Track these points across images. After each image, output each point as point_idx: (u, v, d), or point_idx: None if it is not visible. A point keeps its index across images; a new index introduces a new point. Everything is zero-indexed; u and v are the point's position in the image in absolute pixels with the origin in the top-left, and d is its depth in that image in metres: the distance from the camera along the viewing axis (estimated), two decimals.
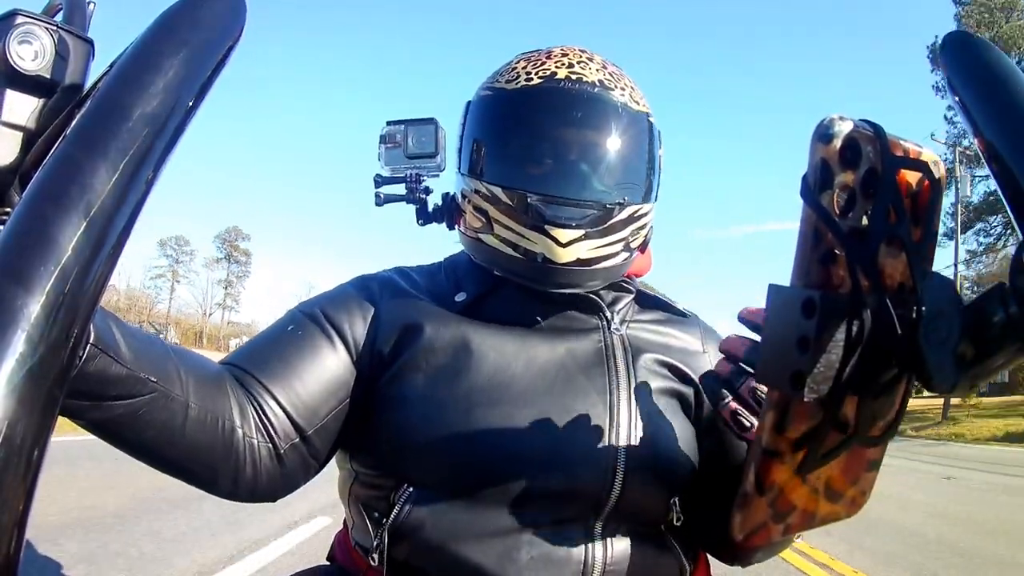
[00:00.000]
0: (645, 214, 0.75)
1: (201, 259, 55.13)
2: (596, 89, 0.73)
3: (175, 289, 53.49)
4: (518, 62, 0.77)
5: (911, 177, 0.36)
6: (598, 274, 0.74)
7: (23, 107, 0.42)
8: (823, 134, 0.34)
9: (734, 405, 0.58)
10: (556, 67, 0.73)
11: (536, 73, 0.73)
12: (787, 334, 0.33)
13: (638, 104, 0.76)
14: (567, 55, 0.75)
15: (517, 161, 0.74)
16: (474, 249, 0.79)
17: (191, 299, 53.72)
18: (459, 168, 0.79)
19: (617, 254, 0.74)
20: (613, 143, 0.73)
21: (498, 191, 0.72)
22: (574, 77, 0.73)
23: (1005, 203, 0.34)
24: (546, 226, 0.70)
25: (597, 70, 0.74)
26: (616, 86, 0.74)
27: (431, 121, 0.83)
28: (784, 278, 0.36)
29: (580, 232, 0.70)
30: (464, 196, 0.77)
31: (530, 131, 0.74)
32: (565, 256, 0.70)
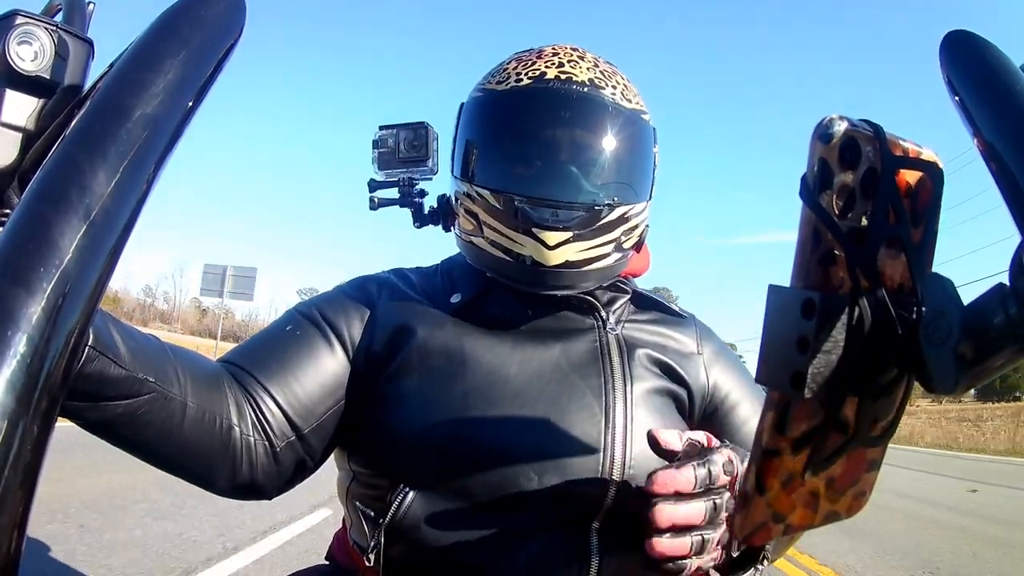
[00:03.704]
0: (637, 213, 0.75)
1: None
2: (586, 88, 0.72)
3: None
4: (510, 62, 0.77)
5: (911, 177, 0.36)
6: (589, 275, 0.74)
7: (22, 108, 0.41)
8: (822, 133, 0.34)
9: (696, 563, 0.57)
10: (546, 67, 0.73)
11: (526, 73, 0.73)
12: (787, 335, 0.33)
13: (631, 102, 0.75)
14: (558, 54, 0.75)
15: (506, 163, 0.74)
16: (467, 251, 0.79)
17: None
18: (452, 170, 0.79)
19: (608, 255, 0.73)
20: (603, 143, 0.73)
21: (487, 194, 0.72)
22: (563, 76, 0.72)
23: (1005, 203, 0.34)
24: (533, 229, 0.70)
25: (588, 69, 0.74)
26: (607, 84, 0.74)
27: (422, 125, 0.83)
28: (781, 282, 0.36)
29: (568, 234, 0.70)
30: (457, 199, 0.78)
31: (519, 133, 0.74)
32: (553, 259, 0.70)
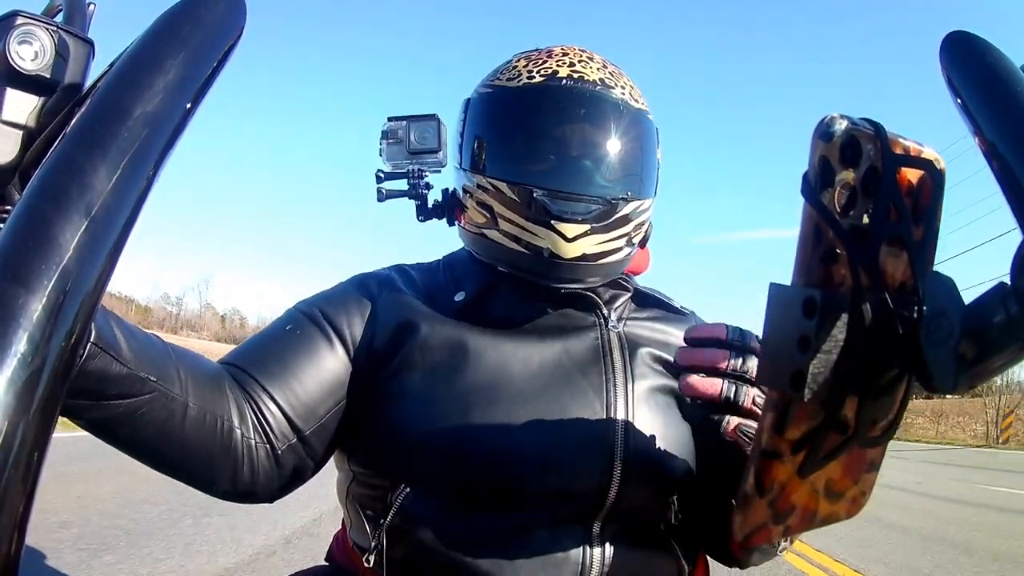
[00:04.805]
0: (645, 210, 0.76)
1: None
2: (597, 88, 0.74)
3: None
4: (518, 61, 0.77)
5: (912, 175, 0.36)
6: (601, 269, 0.74)
7: (23, 106, 0.42)
8: (823, 132, 0.34)
9: (735, 421, 0.57)
10: (557, 66, 0.74)
11: (538, 71, 0.74)
12: (788, 334, 0.32)
13: (637, 102, 0.77)
14: (568, 54, 0.76)
15: (521, 157, 0.75)
16: (477, 245, 0.79)
17: None
18: (460, 164, 0.79)
19: (620, 249, 0.74)
20: (615, 139, 0.74)
21: (503, 186, 0.72)
22: (575, 76, 0.73)
23: (1006, 202, 0.34)
24: (552, 221, 0.70)
25: (598, 69, 0.75)
26: (616, 84, 0.75)
27: (433, 117, 0.83)
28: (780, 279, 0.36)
29: (586, 227, 0.71)
30: (466, 192, 0.77)
31: (534, 128, 0.74)
32: (571, 251, 0.71)
